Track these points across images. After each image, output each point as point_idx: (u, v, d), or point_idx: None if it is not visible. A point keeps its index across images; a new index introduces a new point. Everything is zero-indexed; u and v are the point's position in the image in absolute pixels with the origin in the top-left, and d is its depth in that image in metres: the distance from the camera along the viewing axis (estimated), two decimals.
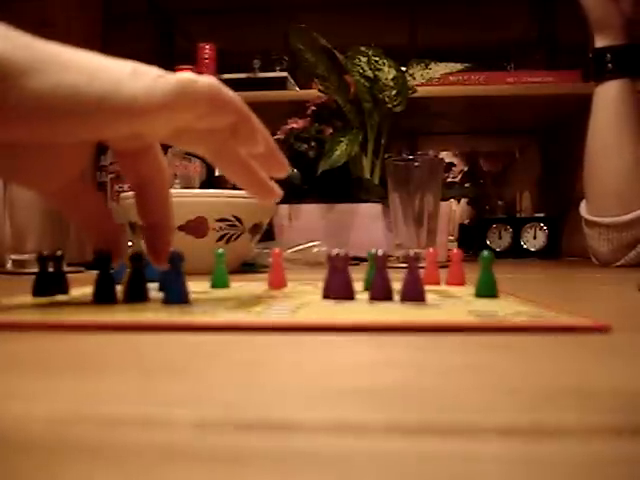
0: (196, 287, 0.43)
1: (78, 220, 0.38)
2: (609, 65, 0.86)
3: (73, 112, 0.27)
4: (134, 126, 0.29)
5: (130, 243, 0.37)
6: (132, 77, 0.28)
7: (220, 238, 0.71)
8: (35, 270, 0.38)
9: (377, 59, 1.04)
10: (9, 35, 0.27)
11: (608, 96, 0.87)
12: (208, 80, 0.31)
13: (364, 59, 1.05)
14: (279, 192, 0.38)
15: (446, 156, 1.78)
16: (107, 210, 0.38)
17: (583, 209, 0.92)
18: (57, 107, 0.27)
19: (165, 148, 0.41)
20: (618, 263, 0.88)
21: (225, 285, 0.45)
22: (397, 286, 0.35)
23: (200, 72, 1.30)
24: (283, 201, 1.14)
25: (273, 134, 1.24)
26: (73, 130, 0.28)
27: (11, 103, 0.26)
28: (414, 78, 1.13)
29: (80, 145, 0.33)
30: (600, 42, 0.88)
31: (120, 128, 0.29)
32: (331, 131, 1.11)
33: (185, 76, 0.30)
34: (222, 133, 0.34)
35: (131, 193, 0.69)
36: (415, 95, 1.13)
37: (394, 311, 0.31)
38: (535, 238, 1.48)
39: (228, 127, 0.33)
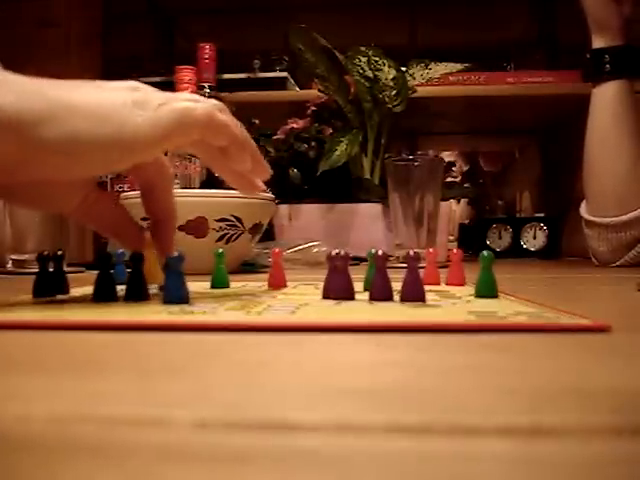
0: (196, 287, 0.43)
1: (101, 229, 0.40)
2: (607, 66, 0.86)
3: (85, 155, 0.29)
4: (136, 159, 0.31)
5: None
6: (134, 112, 0.30)
7: (220, 238, 0.71)
8: (35, 270, 0.38)
9: (377, 59, 1.04)
10: (18, 83, 0.29)
11: (606, 97, 0.87)
12: (206, 107, 0.33)
13: (364, 59, 1.05)
14: (262, 187, 0.41)
15: (446, 156, 1.78)
16: (123, 211, 0.39)
17: (583, 209, 0.92)
18: (72, 152, 0.29)
19: None
20: (618, 263, 0.88)
21: (225, 285, 0.45)
22: (397, 286, 0.35)
23: (200, 72, 1.30)
24: (283, 201, 1.14)
25: (273, 134, 1.23)
26: (83, 170, 0.31)
27: (29, 151, 0.28)
28: (414, 78, 1.12)
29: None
30: (598, 43, 0.87)
31: (125, 164, 0.31)
32: (331, 131, 1.11)
33: (184, 104, 0.32)
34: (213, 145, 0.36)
35: (131, 193, 0.69)
36: (415, 95, 1.13)
37: (394, 311, 0.31)
38: (535, 238, 1.48)
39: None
